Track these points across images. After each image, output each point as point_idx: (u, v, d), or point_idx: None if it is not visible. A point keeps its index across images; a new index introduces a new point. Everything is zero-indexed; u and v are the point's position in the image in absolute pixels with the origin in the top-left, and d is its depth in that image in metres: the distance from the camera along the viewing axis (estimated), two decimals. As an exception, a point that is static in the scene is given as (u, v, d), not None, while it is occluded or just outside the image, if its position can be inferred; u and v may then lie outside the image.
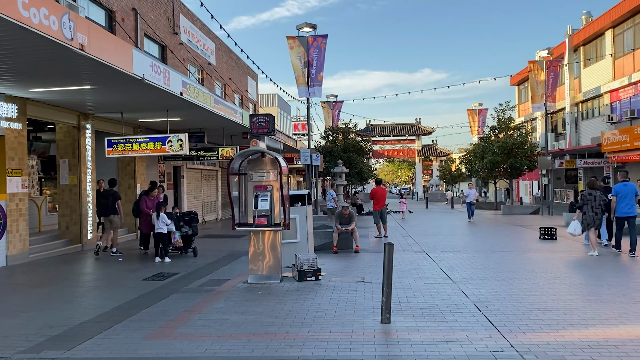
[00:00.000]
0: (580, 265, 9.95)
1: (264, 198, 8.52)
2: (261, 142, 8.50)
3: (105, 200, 13.11)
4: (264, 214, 8.50)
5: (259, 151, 8.54)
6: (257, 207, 8.49)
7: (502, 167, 30.65)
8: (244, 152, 8.54)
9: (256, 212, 8.53)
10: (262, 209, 8.50)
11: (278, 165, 8.27)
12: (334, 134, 31.51)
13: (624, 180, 11.83)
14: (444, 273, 9.20)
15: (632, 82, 26.87)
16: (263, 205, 8.49)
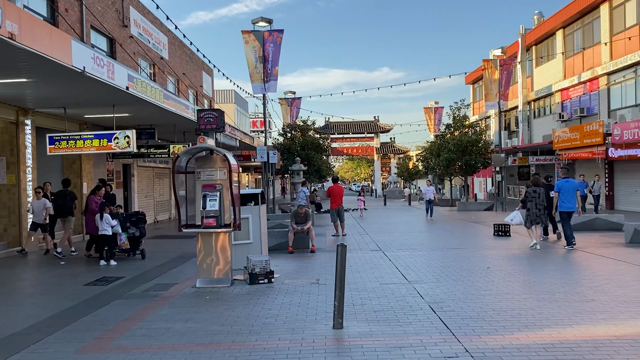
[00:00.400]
0: (534, 263, 9.98)
1: (212, 198, 8.12)
2: (209, 139, 8.09)
3: (62, 201, 12.69)
4: (212, 214, 8.10)
5: (207, 148, 8.13)
6: (206, 207, 8.08)
7: (458, 164, 31.07)
8: (191, 149, 8.12)
9: (204, 213, 8.12)
10: (211, 209, 8.10)
11: (227, 163, 7.88)
12: (292, 131, 31.14)
13: (566, 177, 12.34)
14: (399, 272, 9.03)
15: (581, 81, 27.66)
16: (212, 205, 8.09)
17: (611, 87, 25.41)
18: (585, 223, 15.91)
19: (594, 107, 26.85)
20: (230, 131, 22.82)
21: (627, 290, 7.20)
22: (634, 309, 6.14)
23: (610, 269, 9.00)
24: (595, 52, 26.75)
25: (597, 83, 26.48)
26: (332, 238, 15.13)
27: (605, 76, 25.60)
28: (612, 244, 12.39)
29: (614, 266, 9.27)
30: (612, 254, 10.77)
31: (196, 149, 8.03)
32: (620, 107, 24.09)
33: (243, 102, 49.08)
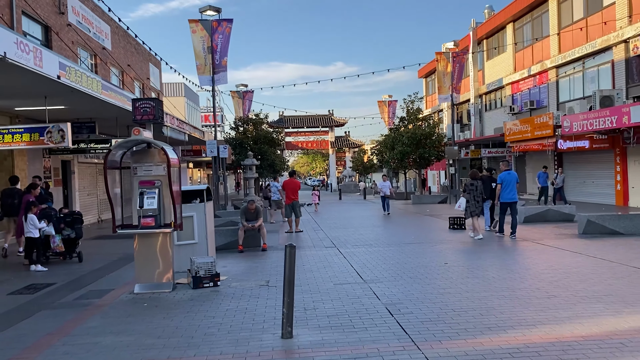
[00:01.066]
0: (491, 257, 9.74)
1: (150, 195, 7.41)
2: (146, 131, 7.37)
3: (11, 200, 11.72)
4: (151, 213, 7.40)
5: (144, 141, 7.41)
6: (143, 205, 7.37)
7: (412, 157, 31.08)
8: (124, 142, 7.38)
9: (142, 212, 7.41)
10: (149, 208, 7.39)
11: (165, 157, 7.19)
12: (245, 125, 30.31)
13: (507, 169, 12.76)
14: (354, 271, 8.58)
15: (531, 74, 28.07)
16: (150, 203, 7.38)
17: (560, 80, 25.86)
18: (538, 214, 15.98)
19: (544, 99, 27.31)
20: (178, 125, 21.86)
21: (586, 284, 6.98)
22: (596, 305, 5.88)
23: (567, 261, 8.84)
24: (544, 45, 27.17)
25: (546, 76, 26.92)
26: (286, 235, 14.59)
27: (554, 69, 26.04)
28: (566, 235, 12.37)
29: (571, 258, 9.12)
30: (568, 245, 10.69)
31: (130, 141, 7.30)
32: (569, 100, 24.54)
33: (194, 95, 47.70)
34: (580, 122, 19.98)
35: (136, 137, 7.06)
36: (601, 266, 8.30)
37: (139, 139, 7.17)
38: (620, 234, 12.22)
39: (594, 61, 22.99)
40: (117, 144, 7.35)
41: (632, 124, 16.89)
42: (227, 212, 19.33)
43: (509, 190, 12.43)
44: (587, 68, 23.52)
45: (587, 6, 23.39)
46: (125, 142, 7.39)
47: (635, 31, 19.60)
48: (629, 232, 12.27)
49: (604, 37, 21.66)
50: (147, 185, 7.50)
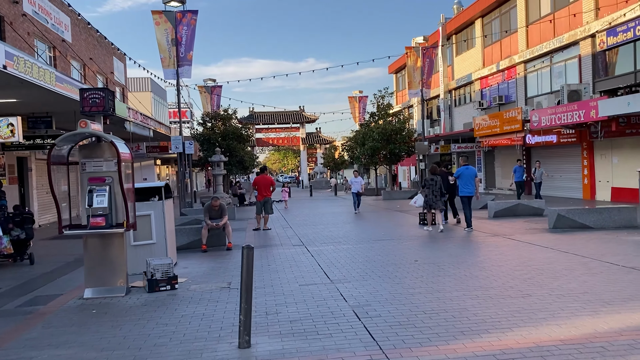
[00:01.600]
0: (462, 254, 9.47)
1: (100, 193, 6.86)
2: (95, 124, 6.81)
3: None
4: (101, 212, 6.85)
5: (92, 134, 6.85)
6: (92, 204, 6.82)
7: (382, 153, 30.87)
8: (70, 136, 6.79)
9: (91, 211, 6.85)
10: (99, 207, 6.84)
11: (115, 152, 6.65)
12: (213, 121, 29.58)
13: (466, 164, 13.19)
14: (322, 270, 8.18)
15: (499, 70, 28.15)
16: (100, 201, 6.83)
17: (528, 75, 25.98)
18: (508, 209, 15.89)
19: (512, 94, 27.42)
20: (142, 120, 21.10)
21: (561, 282, 6.74)
22: (573, 305, 5.62)
23: (540, 257, 8.62)
24: (512, 41, 27.27)
25: (514, 71, 27.03)
26: (253, 233, 14.11)
27: (522, 64, 26.14)
28: (536, 230, 12.24)
29: (543, 254, 8.92)
30: (539, 240, 10.52)
31: (77, 135, 6.73)
32: (537, 95, 24.66)
33: (161, 91, 46.58)
34: (548, 117, 20.03)
35: (83, 129, 6.50)
36: (574, 262, 8.10)
37: (85, 132, 6.61)
38: (590, 228, 12.14)
39: (561, 56, 23.12)
40: (62, 138, 6.76)
41: (600, 118, 16.95)
42: (194, 210, 18.73)
43: (466, 184, 12.82)
44: (555, 63, 23.65)
45: (555, 1, 23.50)
46: (72, 136, 6.81)
47: (601, 26, 19.72)
48: (598, 226, 12.22)
49: (571, 32, 21.78)
50: (96, 182, 6.94)
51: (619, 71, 19.63)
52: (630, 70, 19.01)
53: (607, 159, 20.41)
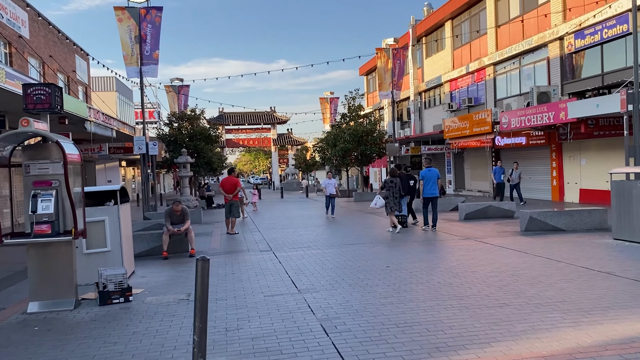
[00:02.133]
0: (434, 259, 9.17)
1: (46, 198, 6.28)
2: (40, 122, 6.22)
3: None
4: (46, 219, 6.27)
5: (36, 134, 6.26)
6: (37, 210, 6.23)
7: (354, 154, 30.62)
8: (11, 135, 6.19)
9: (35, 217, 6.26)
10: (44, 213, 6.26)
11: (61, 152, 6.08)
12: (179, 121, 28.79)
13: (428, 167, 13.60)
14: (289, 279, 7.75)
15: (469, 72, 28.22)
16: (45, 207, 6.25)
17: (497, 77, 26.08)
18: (479, 211, 15.76)
19: (481, 97, 27.50)
20: (104, 120, 20.29)
21: (538, 289, 6.47)
22: (552, 315, 5.33)
23: (514, 262, 8.37)
24: (482, 43, 27.35)
25: (483, 73, 27.11)
26: (219, 238, 13.56)
27: (491, 66, 26.23)
28: (508, 233, 12.07)
29: (517, 258, 8.68)
30: (511, 244, 10.31)
31: (18, 134, 6.13)
32: (506, 97, 24.74)
33: (127, 91, 45.35)
34: (518, 118, 20.04)
35: (24, 129, 5.91)
36: (549, 267, 7.87)
37: (28, 132, 6.02)
38: (561, 231, 12.04)
39: (530, 58, 23.24)
40: (1, 137, 6.15)
41: (569, 120, 16.99)
42: (157, 214, 18.06)
43: (430, 186, 13.21)
44: (524, 65, 23.77)
45: (524, 4, 23.62)
46: (13, 135, 6.21)
47: (569, 28, 19.85)
48: (570, 229, 12.12)
49: (540, 34, 21.89)
50: (42, 186, 6.36)
51: (586, 74, 19.79)
52: (597, 72, 19.17)
53: (576, 161, 20.55)
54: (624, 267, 7.61)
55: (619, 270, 7.38)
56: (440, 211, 18.85)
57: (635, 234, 9.83)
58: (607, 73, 18.63)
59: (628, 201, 9.97)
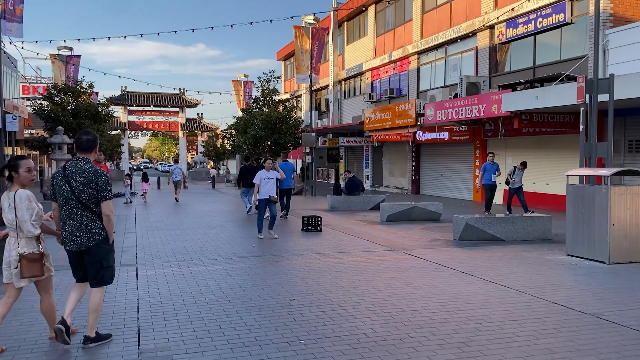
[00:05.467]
0: (358, 283, 6.79)
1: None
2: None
3: None
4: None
5: None
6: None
7: (267, 143, 27.89)
8: None
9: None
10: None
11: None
12: (62, 94, 24.53)
13: (285, 160, 15.01)
14: (135, 327, 5.01)
15: (392, 60, 26.42)
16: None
17: (421, 67, 24.44)
18: (402, 213, 13.75)
19: (404, 87, 25.81)
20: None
21: (517, 350, 4.24)
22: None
23: (462, 292, 6.17)
24: (406, 30, 25.62)
25: (407, 62, 25.40)
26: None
27: (415, 55, 24.55)
28: (441, 242, 10.02)
29: (465, 285, 6.50)
30: (450, 259, 8.19)
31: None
32: (430, 88, 23.13)
33: (8, 60, 39.46)
34: (444, 111, 18.33)
35: None
36: (512, 301, 5.75)
37: None
38: (501, 241, 10.17)
39: (457, 47, 21.73)
40: None
41: (502, 114, 15.40)
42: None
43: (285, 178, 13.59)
44: (450, 55, 22.23)
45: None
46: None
47: (501, 16, 18.38)
48: (510, 238, 10.29)
49: (469, 21, 20.37)
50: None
51: (517, 66, 18.44)
52: (529, 65, 17.85)
53: (501, 160, 19.22)
54: (608, 304, 5.64)
55: (608, 311, 5.38)
56: (358, 210, 16.88)
57: (595, 250, 8.05)
58: (540, 66, 17.33)
59: (589, 210, 8.16)
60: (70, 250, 4.38)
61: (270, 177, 10.62)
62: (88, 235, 4.30)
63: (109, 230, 4.38)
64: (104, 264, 4.39)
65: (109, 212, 4.34)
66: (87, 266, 4.41)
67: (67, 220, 4.34)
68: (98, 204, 4.33)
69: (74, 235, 4.31)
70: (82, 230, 4.30)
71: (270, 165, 10.77)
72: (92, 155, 4.47)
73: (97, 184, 4.29)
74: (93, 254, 4.34)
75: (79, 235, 4.30)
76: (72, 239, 4.32)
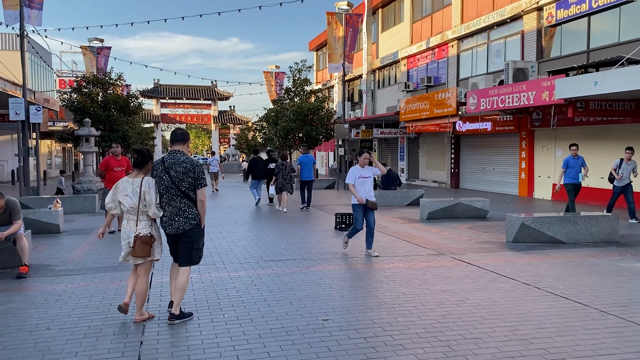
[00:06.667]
0: (402, 298, 5.80)
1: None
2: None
3: None
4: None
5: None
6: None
7: (298, 135, 27.01)
8: None
9: None
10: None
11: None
12: (91, 86, 24.15)
13: (305, 153, 15.29)
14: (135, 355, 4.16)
15: (430, 47, 25.10)
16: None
17: (461, 53, 23.07)
18: (445, 209, 12.64)
19: (442, 76, 24.49)
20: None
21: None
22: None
23: (533, 309, 5.12)
24: (445, 14, 24.25)
25: (446, 49, 24.06)
26: (95, 240, 9.71)
27: (455, 41, 23.19)
28: (493, 245, 8.91)
29: (533, 301, 5.44)
30: (507, 266, 7.11)
31: None
32: (472, 76, 21.76)
33: (44, 53, 39.60)
34: (489, 99, 17.02)
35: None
36: (596, 325, 4.68)
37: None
38: (561, 243, 9.00)
39: (500, 32, 20.31)
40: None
41: (555, 101, 14.04)
42: (38, 200, 13.91)
43: (306, 170, 14.76)
44: (493, 40, 20.82)
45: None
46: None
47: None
48: (571, 240, 9.11)
49: (514, 3, 18.94)
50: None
51: (568, 50, 16.98)
52: (582, 49, 16.38)
53: (550, 152, 17.82)
54: None
55: None
56: (395, 206, 15.82)
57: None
58: (595, 49, 15.85)
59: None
60: (169, 233, 4.82)
61: (366, 175, 8.12)
62: (185, 220, 4.74)
63: (202, 214, 4.83)
64: (195, 245, 4.83)
65: (203, 198, 4.80)
66: (180, 247, 4.85)
67: (167, 207, 4.78)
68: (194, 191, 4.76)
69: (172, 220, 4.75)
70: (180, 215, 4.73)
71: (365, 160, 8.15)
72: (185, 148, 4.91)
73: (195, 172, 4.75)
74: (187, 237, 4.78)
75: (177, 220, 4.73)
76: (171, 223, 4.75)
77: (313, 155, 15.16)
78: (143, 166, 4.81)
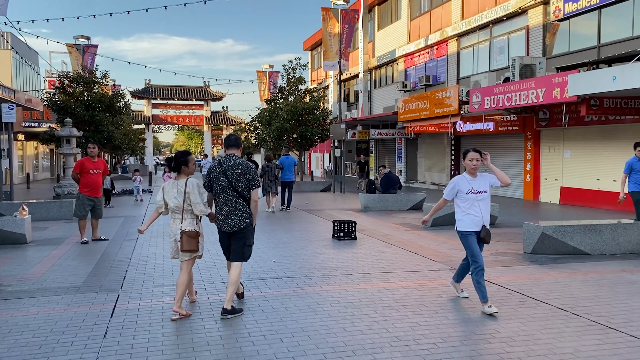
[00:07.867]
0: (422, 325, 4.82)
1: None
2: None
3: None
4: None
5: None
6: None
7: (292, 136, 25.99)
8: None
9: None
10: None
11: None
12: (74, 85, 23.02)
13: (286, 154, 15.59)
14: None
15: (428, 45, 24.15)
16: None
17: (462, 51, 22.14)
18: (451, 215, 11.55)
19: (441, 74, 23.56)
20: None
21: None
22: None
23: (579, 348, 4.17)
24: (444, 10, 23.32)
25: (445, 47, 23.12)
26: (62, 253, 8.68)
27: (455, 38, 22.26)
28: (511, 257, 7.93)
29: (579, 337, 4.47)
30: (532, 286, 6.13)
31: None
32: (473, 74, 20.80)
33: (30, 53, 38.40)
34: (494, 97, 16.08)
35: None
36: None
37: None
38: (586, 255, 8.04)
39: (504, 28, 19.38)
40: None
41: (567, 99, 13.10)
42: (12, 206, 12.82)
43: (287, 171, 14.92)
44: (496, 36, 19.89)
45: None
46: None
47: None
48: (596, 252, 8.15)
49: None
50: None
51: (577, 45, 16.06)
52: (592, 44, 15.47)
53: (557, 153, 16.90)
54: None
55: None
56: (395, 210, 14.85)
57: None
58: (607, 44, 14.94)
59: None
60: (224, 232, 5.13)
61: (480, 188, 5.23)
62: (240, 218, 5.06)
63: (254, 213, 5.13)
64: (246, 242, 5.13)
65: (256, 198, 5.14)
66: (233, 244, 5.13)
67: (223, 206, 5.08)
68: (249, 192, 5.08)
69: (228, 218, 5.06)
70: (236, 214, 5.05)
71: (475, 164, 5.21)
72: (239, 152, 5.22)
73: (250, 174, 5.08)
74: (241, 234, 5.09)
75: (232, 219, 5.05)
76: (227, 222, 5.07)
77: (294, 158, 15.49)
78: (179, 170, 5.11)
